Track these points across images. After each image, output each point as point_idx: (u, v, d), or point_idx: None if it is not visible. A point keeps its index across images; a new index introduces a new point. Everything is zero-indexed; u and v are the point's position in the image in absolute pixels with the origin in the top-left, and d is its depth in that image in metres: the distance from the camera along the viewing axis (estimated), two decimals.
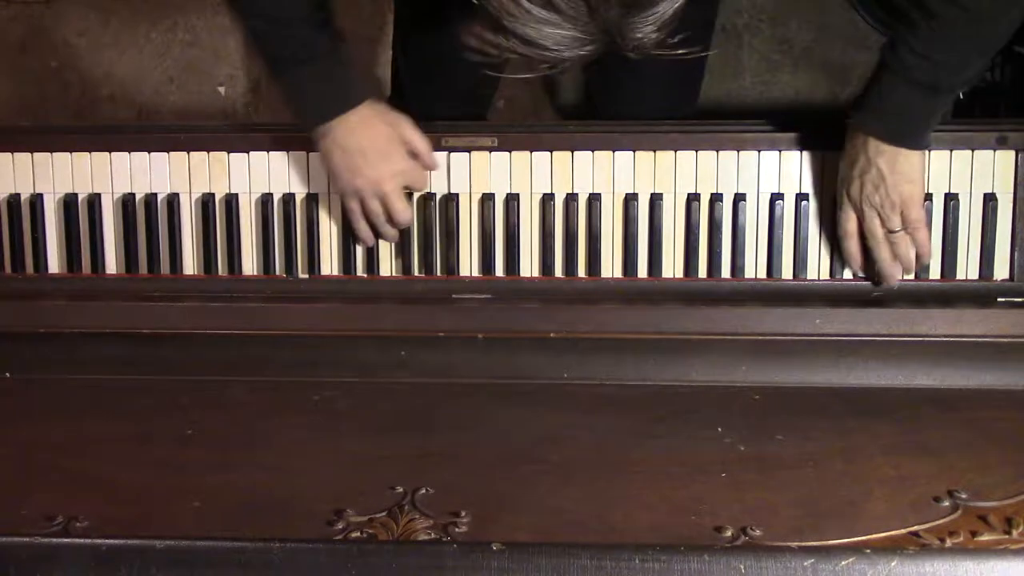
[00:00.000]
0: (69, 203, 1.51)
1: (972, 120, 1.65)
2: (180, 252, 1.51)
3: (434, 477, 1.12)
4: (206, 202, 1.50)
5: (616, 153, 1.48)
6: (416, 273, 1.50)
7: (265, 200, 1.50)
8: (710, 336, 1.39)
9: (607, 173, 1.48)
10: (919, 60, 1.31)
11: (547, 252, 1.48)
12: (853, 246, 1.43)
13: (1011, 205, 1.45)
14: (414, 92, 1.84)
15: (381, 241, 1.48)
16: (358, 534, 1.02)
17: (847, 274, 1.46)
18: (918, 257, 1.42)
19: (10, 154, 1.52)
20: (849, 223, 1.42)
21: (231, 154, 1.51)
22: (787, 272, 1.47)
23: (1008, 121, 1.47)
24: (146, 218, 1.51)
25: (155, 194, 1.51)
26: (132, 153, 1.51)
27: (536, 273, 1.49)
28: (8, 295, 1.48)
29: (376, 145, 1.41)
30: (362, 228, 1.46)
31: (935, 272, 1.46)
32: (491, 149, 1.48)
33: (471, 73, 1.43)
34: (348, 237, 1.49)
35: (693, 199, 1.47)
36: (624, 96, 1.79)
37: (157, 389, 1.37)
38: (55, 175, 1.52)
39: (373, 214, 1.45)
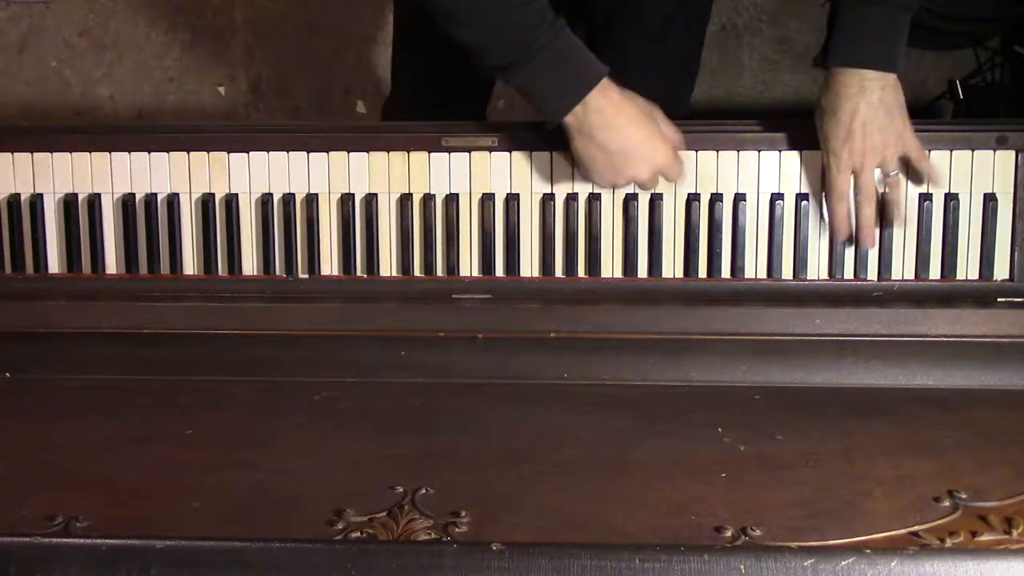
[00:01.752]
0: (69, 203, 1.51)
1: (972, 120, 1.65)
2: (180, 252, 1.51)
3: (434, 477, 1.12)
4: (206, 202, 1.50)
5: None
6: (416, 273, 1.50)
7: (265, 200, 1.50)
8: (710, 336, 1.39)
9: None
10: None
11: (547, 252, 1.48)
12: (846, 212, 1.41)
13: (1011, 205, 1.45)
14: (415, 91, 1.85)
15: (381, 241, 1.48)
16: (358, 534, 1.02)
17: (847, 274, 1.46)
18: (932, 181, 1.42)
19: (10, 154, 1.52)
20: (845, 185, 1.40)
21: (231, 154, 1.51)
22: (787, 272, 1.47)
23: (1008, 121, 1.47)
24: (146, 218, 1.51)
25: (155, 194, 1.51)
26: (132, 153, 1.51)
27: (536, 273, 1.49)
28: (8, 295, 1.48)
29: (636, 141, 1.37)
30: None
31: (935, 272, 1.46)
32: (491, 149, 1.48)
33: (472, 70, 1.44)
34: (348, 237, 1.49)
35: (693, 199, 1.47)
36: None
37: (157, 389, 1.37)
38: (55, 175, 1.52)
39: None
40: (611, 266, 1.48)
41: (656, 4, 1.74)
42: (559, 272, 1.48)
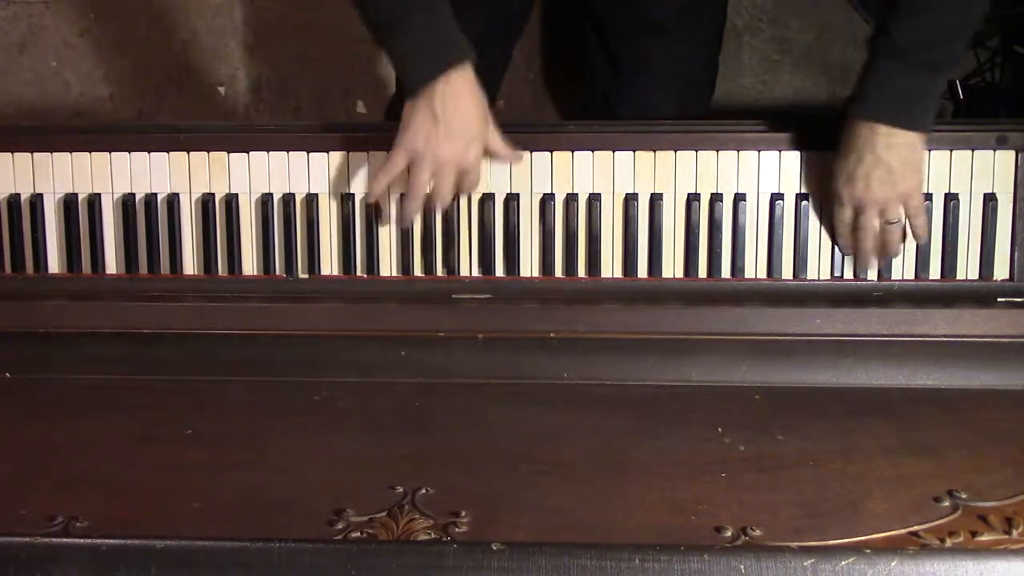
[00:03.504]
0: (69, 203, 1.51)
1: (972, 120, 1.65)
2: (180, 252, 1.51)
3: (434, 477, 1.12)
4: (206, 202, 1.50)
5: (616, 153, 1.48)
6: (416, 273, 1.50)
7: (265, 200, 1.50)
8: (710, 336, 1.39)
9: (607, 173, 1.48)
10: (908, 37, 1.34)
11: (547, 252, 1.48)
12: (850, 241, 1.44)
13: (1011, 205, 1.45)
14: None
15: (381, 241, 1.48)
16: (358, 534, 1.02)
17: (847, 274, 1.46)
18: (917, 238, 1.43)
19: (10, 154, 1.52)
20: (849, 218, 1.42)
21: (231, 154, 1.51)
22: (787, 272, 1.47)
23: (1008, 121, 1.47)
24: (146, 218, 1.51)
25: (155, 194, 1.51)
26: (132, 153, 1.51)
27: (536, 273, 1.49)
28: (8, 295, 1.48)
29: (464, 125, 1.39)
30: (415, 205, 1.43)
31: (935, 272, 1.46)
32: None
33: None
34: (348, 237, 1.49)
35: (693, 199, 1.47)
36: (636, 95, 1.80)
37: (157, 389, 1.37)
38: (55, 175, 1.52)
39: (443, 188, 1.42)
40: (611, 266, 1.48)
41: (667, 5, 1.74)
42: (559, 272, 1.48)
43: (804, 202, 1.46)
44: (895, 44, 1.35)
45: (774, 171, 1.47)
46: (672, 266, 1.48)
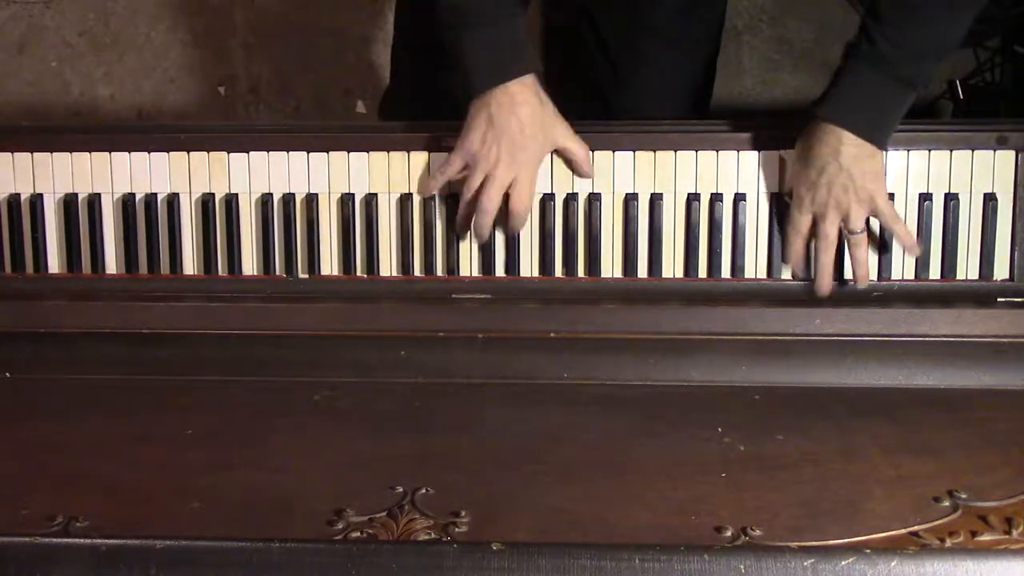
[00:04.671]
0: (69, 203, 1.51)
1: (972, 120, 1.65)
2: (180, 252, 1.51)
3: (434, 477, 1.12)
4: (206, 202, 1.50)
5: (616, 153, 1.47)
6: (416, 273, 1.50)
7: (265, 200, 1.50)
8: (710, 336, 1.39)
9: (607, 173, 1.48)
10: (893, 48, 1.33)
11: (547, 252, 1.48)
12: (801, 247, 1.42)
13: (1011, 205, 1.45)
14: (415, 88, 1.84)
15: (381, 241, 1.48)
16: (358, 534, 1.02)
17: (848, 274, 1.46)
18: (908, 250, 1.43)
19: (10, 154, 1.52)
20: (804, 225, 1.41)
21: (231, 154, 1.51)
22: (787, 272, 1.47)
23: (1008, 121, 1.47)
24: (146, 218, 1.51)
25: (155, 194, 1.51)
26: (132, 153, 1.51)
27: (536, 273, 1.49)
28: (8, 295, 1.48)
29: (517, 140, 1.40)
30: (467, 210, 1.43)
31: (935, 272, 1.46)
32: None
33: None
34: (348, 237, 1.49)
35: (693, 199, 1.47)
36: (634, 95, 1.80)
37: (157, 389, 1.37)
38: (55, 175, 1.52)
39: (492, 200, 1.41)
40: (611, 266, 1.48)
41: (666, 6, 1.74)
42: (559, 272, 1.48)
43: None
44: (879, 53, 1.34)
45: (774, 171, 1.47)
46: (672, 266, 1.48)
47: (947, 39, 1.36)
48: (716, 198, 1.46)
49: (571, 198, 1.48)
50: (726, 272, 1.47)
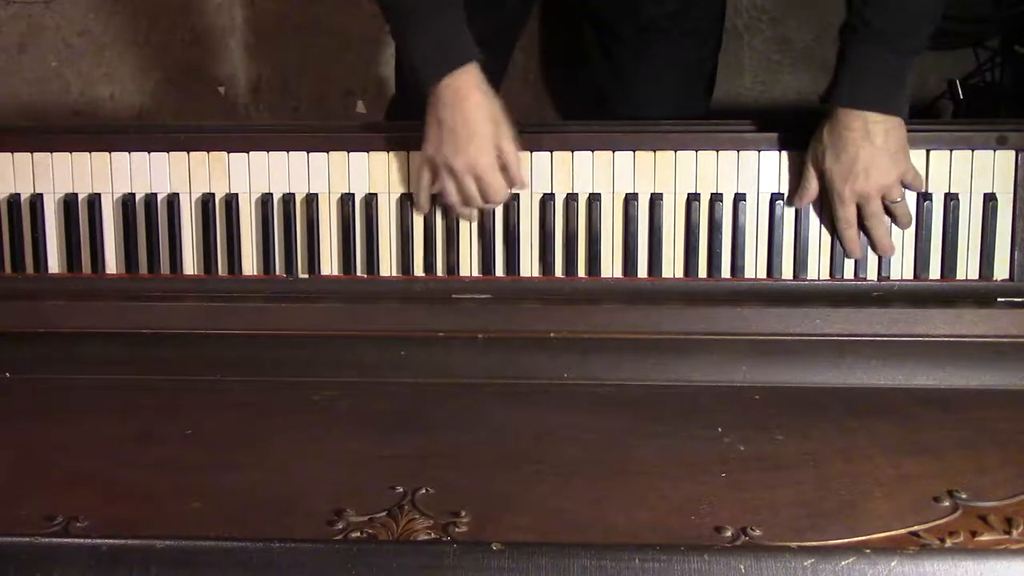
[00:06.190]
0: (69, 203, 1.51)
1: (972, 120, 1.65)
2: (180, 252, 1.51)
3: (434, 477, 1.12)
4: (206, 202, 1.50)
5: (616, 153, 1.48)
6: (416, 273, 1.50)
7: (265, 200, 1.50)
8: (710, 336, 1.39)
9: (607, 173, 1.48)
10: (888, 23, 1.35)
11: (547, 252, 1.48)
12: (856, 236, 1.43)
13: (1011, 205, 1.45)
14: (420, 97, 1.84)
15: (381, 241, 1.48)
16: (358, 534, 1.02)
17: (847, 274, 1.46)
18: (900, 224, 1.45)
19: (10, 154, 1.52)
20: (853, 215, 1.42)
21: (231, 154, 1.51)
22: (787, 272, 1.47)
23: (1008, 121, 1.47)
24: (146, 218, 1.51)
25: (155, 194, 1.51)
26: (132, 153, 1.51)
27: (536, 273, 1.49)
28: (8, 295, 1.48)
29: (467, 131, 1.40)
30: (458, 206, 1.45)
31: (935, 272, 1.46)
32: None
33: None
34: (348, 237, 1.49)
35: (693, 199, 1.47)
36: (635, 95, 1.80)
37: (157, 389, 1.37)
38: (55, 175, 1.52)
39: (467, 194, 1.43)
40: (611, 266, 1.48)
41: (666, 6, 1.74)
42: (559, 272, 1.48)
43: None
44: (878, 30, 1.35)
45: (774, 171, 1.47)
46: (672, 266, 1.48)
47: (934, 4, 1.38)
48: (716, 198, 1.46)
49: (571, 198, 1.48)
50: (726, 272, 1.47)
